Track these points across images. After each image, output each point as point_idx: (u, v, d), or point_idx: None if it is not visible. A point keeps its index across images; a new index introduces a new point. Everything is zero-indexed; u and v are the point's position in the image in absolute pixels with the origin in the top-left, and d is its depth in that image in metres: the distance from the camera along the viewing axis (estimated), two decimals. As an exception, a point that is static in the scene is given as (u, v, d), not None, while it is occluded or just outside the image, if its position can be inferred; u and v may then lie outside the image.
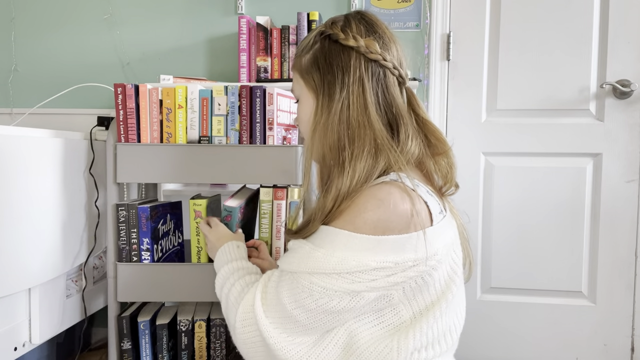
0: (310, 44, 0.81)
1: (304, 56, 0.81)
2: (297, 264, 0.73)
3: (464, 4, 1.74)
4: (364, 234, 0.68)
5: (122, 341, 1.23)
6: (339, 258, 0.69)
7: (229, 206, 1.10)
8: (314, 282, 0.70)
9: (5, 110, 1.91)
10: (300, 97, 0.83)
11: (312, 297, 0.71)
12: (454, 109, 1.77)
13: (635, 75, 1.63)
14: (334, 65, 0.77)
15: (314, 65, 0.79)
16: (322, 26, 0.82)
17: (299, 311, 0.72)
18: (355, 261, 0.68)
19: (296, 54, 0.84)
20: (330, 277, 0.69)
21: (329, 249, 0.70)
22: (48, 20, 1.90)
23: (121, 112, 1.21)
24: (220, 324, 1.25)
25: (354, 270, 0.68)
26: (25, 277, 1.16)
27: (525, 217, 1.72)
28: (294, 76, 0.84)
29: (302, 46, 0.82)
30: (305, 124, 0.81)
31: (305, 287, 0.71)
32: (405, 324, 0.73)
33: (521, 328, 1.73)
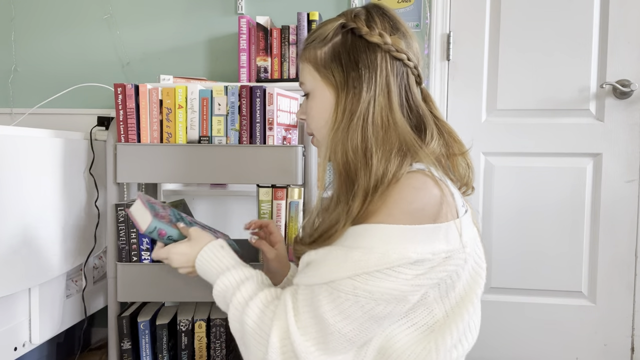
0: (330, 36, 0.75)
1: (320, 48, 0.76)
2: (334, 272, 0.66)
3: (464, 4, 1.74)
4: (402, 223, 0.64)
5: (122, 341, 1.23)
6: (379, 253, 0.64)
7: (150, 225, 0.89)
8: (358, 287, 0.64)
9: (5, 110, 1.91)
10: (314, 92, 0.78)
11: (357, 303, 0.65)
12: (454, 109, 1.77)
13: (635, 75, 1.63)
14: (359, 63, 0.72)
15: (335, 60, 0.74)
16: (341, 17, 0.76)
17: (345, 323, 0.66)
18: (397, 254, 0.63)
19: (307, 43, 0.78)
20: (374, 276, 0.64)
21: (366, 247, 0.65)
22: (48, 20, 1.90)
23: (121, 112, 1.21)
24: (220, 324, 1.25)
25: (396, 264, 0.63)
26: (25, 277, 1.16)
27: (525, 217, 1.72)
28: (303, 67, 0.79)
29: (316, 37, 0.77)
30: (318, 121, 0.78)
31: (349, 294, 0.65)
32: (439, 322, 0.70)
33: (521, 328, 1.73)
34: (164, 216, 0.92)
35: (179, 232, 0.90)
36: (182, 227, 0.91)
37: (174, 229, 0.90)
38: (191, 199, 1.81)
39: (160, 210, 0.94)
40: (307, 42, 0.78)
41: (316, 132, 0.80)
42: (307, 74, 0.78)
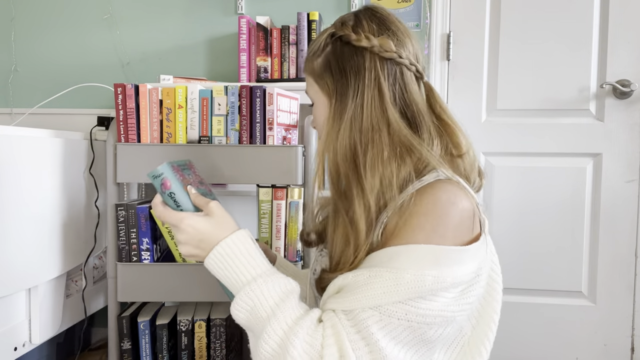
0: (322, 46, 0.76)
1: (315, 59, 0.77)
2: (382, 296, 0.61)
3: (464, 4, 1.74)
4: (450, 244, 0.63)
5: (122, 341, 1.23)
6: (434, 277, 0.61)
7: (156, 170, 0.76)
8: (410, 312, 0.61)
9: (5, 110, 1.91)
10: (315, 101, 0.79)
11: (410, 328, 0.62)
12: (454, 109, 1.75)
13: (635, 75, 1.63)
14: (347, 69, 0.73)
15: (327, 70, 0.75)
16: (332, 27, 0.78)
17: (398, 349, 0.62)
18: (451, 277, 0.61)
19: (307, 57, 0.80)
20: (426, 299, 0.61)
21: (417, 269, 0.61)
22: (48, 20, 1.90)
23: (121, 112, 1.21)
24: (220, 324, 1.25)
25: (450, 286, 0.62)
26: (25, 277, 1.16)
27: (525, 217, 1.72)
28: (307, 79, 0.81)
29: (313, 49, 0.79)
30: (321, 129, 0.79)
31: (401, 320, 0.61)
32: (466, 337, 0.70)
33: (521, 328, 1.73)
34: (185, 179, 0.79)
35: (188, 198, 0.75)
36: (195, 195, 0.76)
37: (184, 192, 0.75)
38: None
39: (188, 176, 0.82)
40: (307, 54, 0.80)
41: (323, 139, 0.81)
42: (309, 85, 0.80)
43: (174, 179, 0.75)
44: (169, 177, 0.74)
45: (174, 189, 0.74)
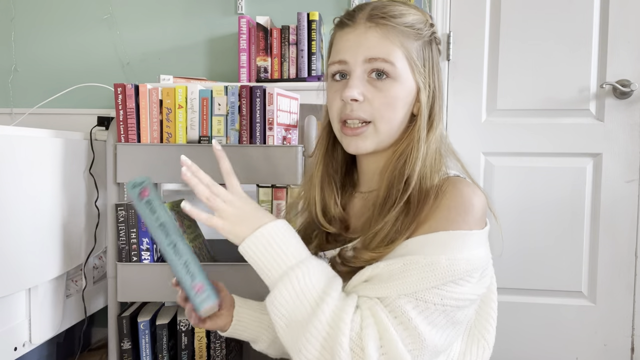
0: (421, 31, 0.74)
1: (414, 40, 0.73)
2: (419, 282, 0.63)
3: (464, 4, 1.74)
4: (476, 229, 0.68)
5: (122, 341, 1.23)
6: (465, 261, 0.64)
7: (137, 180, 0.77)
8: (445, 296, 0.64)
9: (5, 110, 1.91)
10: (400, 78, 0.72)
11: (444, 312, 0.64)
12: (454, 109, 1.77)
13: (635, 75, 1.63)
14: (439, 70, 0.78)
15: (424, 59, 0.75)
16: (425, 15, 0.76)
17: (434, 332, 0.64)
18: (478, 259, 0.67)
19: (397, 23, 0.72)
20: (458, 284, 0.64)
21: (450, 255, 0.64)
22: (48, 20, 1.90)
23: (121, 112, 1.21)
24: (220, 324, 1.25)
25: (477, 269, 0.67)
26: (25, 277, 1.16)
27: (525, 217, 1.72)
28: (393, 48, 0.71)
29: (410, 24, 0.73)
30: (396, 110, 0.73)
31: (437, 305, 0.63)
32: (472, 320, 0.76)
33: (521, 328, 1.73)
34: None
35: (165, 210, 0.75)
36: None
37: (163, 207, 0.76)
38: (191, 199, 1.81)
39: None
40: (399, 22, 0.72)
41: (383, 123, 0.72)
42: (399, 58, 0.72)
43: (153, 189, 0.76)
44: (149, 187, 0.75)
45: (151, 197, 0.75)
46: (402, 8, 0.74)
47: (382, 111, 0.71)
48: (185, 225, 1.28)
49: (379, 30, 0.71)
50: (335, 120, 0.76)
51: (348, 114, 0.72)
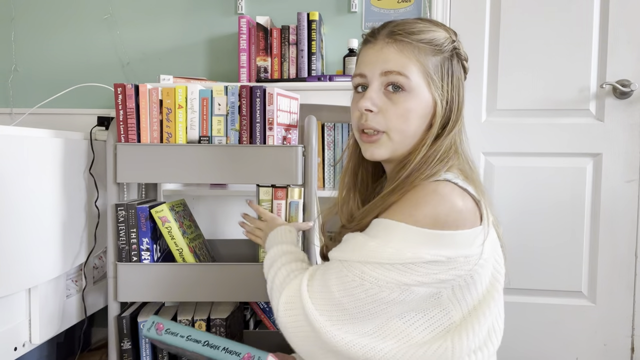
0: (443, 47, 0.79)
1: (432, 55, 0.78)
2: (350, 253, 0.74)
3: (464, 4, 1.74)
4: (423, 227, 0.69)
5: (122, 341, 1.23)
6: (394, 249, 0.70)
7: None
8: (366, 272, 0.71)
9: (5, 110, 1.91)
10: (415, 91, 0.77)
11: (362, 286, 0.71)
12: (454, 109, 1.76)
13: (635, 75, 1.63)
14: (460, 86, 0.81)
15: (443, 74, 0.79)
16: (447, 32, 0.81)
17: (347, 299, 0.73)
18: (411, 253, 0.69)
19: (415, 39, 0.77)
20: (383, 267, 0.70)
21: (383, 240, 0.71)
22: (48, 20, 1.90)
23: (121, 112, 1.21)
24: (220, 324, 1.25)
25: (408, 262, 0.69)
26: (25, 277, 1.16)
27: (525, 217, 1.72)
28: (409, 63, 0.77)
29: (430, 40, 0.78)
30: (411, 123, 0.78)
31: (356, 276, 0.72)
32: (455, 324, 0.75)
33: (521, 328, 1.73)
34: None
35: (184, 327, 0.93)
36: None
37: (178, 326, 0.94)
38: (191, 199, 1.81)
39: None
40: (417, 39, 0.77)
41: (398, 133, 0.78)
42: (414, 72, 0.77)
43: (163, 320, 0.94)
44: (160, 320, 0.94)
45: (167, 325, 0.93)
46: (422, 25, 0.79)
47: (395, 122, 0.77)
48: (185, 225, 1.28)
49: (396, 46, 0.77)
50: (355, 129, 0.84)
51: (363, 124, 0.80)
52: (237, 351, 0.87)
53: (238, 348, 0.88)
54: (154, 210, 1.20)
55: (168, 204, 1.23)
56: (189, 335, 0.90)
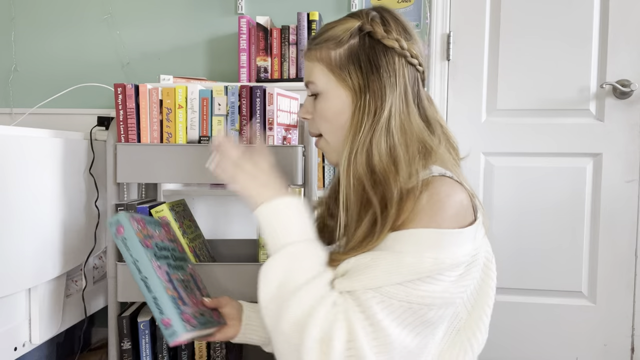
0: (346, 37, 0.75)
1: (334, 49, 0.75)
2: (383, 277, 0.64)
3: (464, 4, 1.74)
4: (449, 228, 0.66)
5: (122, 341, 1.23)
6: (432, 259, 0.64)
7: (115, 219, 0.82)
8: (411, 294, 0.63)
9: (5, 110, 1.91)
10: (327, 93, 0.76)
11: (411, 310, 0.64)
12: (454, 109, 1.77)
13: (635, 75, 1.63)
14: (380, 67, 0.73)
15: (353, 62, 0.74)
16: (356, 19, 0.76)
17: (400, 330, 0.64)
18: (450, 259, 0.65)
19: (318, 43, 0.77)
20: (424, 282, 0.64)
21: (417, 252, 0.64)
22: (48, 20, 1.90)
23: (121, 112, 1.21)
24: (220, 324, 1.25)
25: (447, 268, 0.65)
26: (25, 277, 1.16)
27: (525, 217, 1.72)
28: (314, 67, 0.77)
29: (330, 37, 0.76)
30: (333, 123, 0.77)
31: (402, 301, 0.63)
32: (463, 321, 0.73)
33: (521, 328, 1.73)
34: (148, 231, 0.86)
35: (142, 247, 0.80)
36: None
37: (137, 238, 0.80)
38: (191, 199, 1.81)
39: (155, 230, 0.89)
40: (318, 41, 0.77)
41: (328, 135, 0.79)
42: (319, 73, 0.77)
43: (129, 226, 0.80)
44: (124, 225, 0.80)
45: (126, 235, 0.80)
46: (327, 26, 0.78)
47: (321, 125, 0.79)
48: (185, 225, 1.28)
49: (308, 54, 0.79)
50: None
51: (308, 130, 0.83)
52: (162, 308, 0.77)
53: (166, 306, 0.77)
54: (154, 210, 1.20)
55: (168, 204, 1.23)
56: (135, 260, 0.80)
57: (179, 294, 0.83)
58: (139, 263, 0.80)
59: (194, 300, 0.87)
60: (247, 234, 1.79)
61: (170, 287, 0.82)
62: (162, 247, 0.89)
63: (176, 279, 0.86)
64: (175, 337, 0.76)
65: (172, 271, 0.87)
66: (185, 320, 0.78)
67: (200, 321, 0.82)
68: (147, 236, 0.85)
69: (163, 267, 0.84)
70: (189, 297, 0.86)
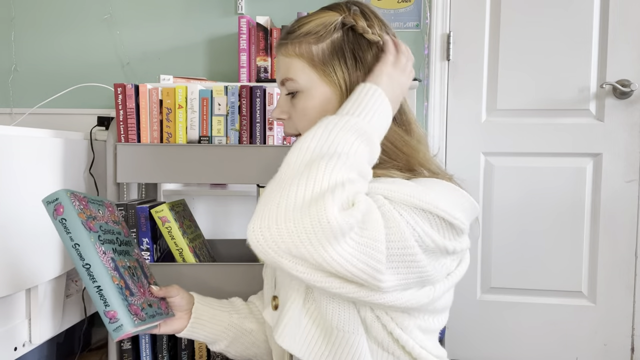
0: (328, 31, 0.71)
1: (315, 44, 0.72)
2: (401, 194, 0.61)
3: (464, 4, 1.74)
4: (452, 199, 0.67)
5: (122, 341, 1.23)
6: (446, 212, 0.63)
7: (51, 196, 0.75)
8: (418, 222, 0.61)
9: (5, 110, 1.91)
10: (309, 90, 0.72)
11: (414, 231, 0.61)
12: (454, 109, 1.77)
13: (635, 75, 1.63)
14: (365, 62, 0.71)
15: (338, 58, 0.71)
16: (337, 13, 0.73)
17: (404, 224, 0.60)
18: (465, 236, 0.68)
19: (294, 37, 0.73)
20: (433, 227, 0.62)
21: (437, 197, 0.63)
22: (48, 20, 1.90)
23: (121, 112, 1.21)
24: (220, 324, 1.25)
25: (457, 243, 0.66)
26: (25, 277, 1.16)
27: (525, 217, 1.72)
28: (291, 62, 0.73)
29: (310, 31, 0.72)
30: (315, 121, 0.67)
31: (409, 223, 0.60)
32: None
33: (521, 328, 1.73)
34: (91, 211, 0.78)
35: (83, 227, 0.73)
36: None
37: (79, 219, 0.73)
38: (191, 199, 1.81)
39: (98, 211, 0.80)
40: (296, 35, 0.73)
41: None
42: (299, 70, 0.72)
43: (70, 205, 0.73)
44: (64, 204, 0.73)
45: (66, 216, 0.72)
46: (305, 18, 0.74)
47: (301, 124, 0.74)
48: (185, 225, 1.28)
49: (282, 50, 0.74)
50: None
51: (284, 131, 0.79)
52: (107, 299, 0.70)
53: (112, 297, 0.71)
54: (154, 210, 1.20)
55: (168, 204, 1.23)
56: (75, 244, 0.72)
57: (126, 282, 0.76)
58: (80, 248, 0.72)
59: (142, 290, 0.81)
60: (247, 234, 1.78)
61: (117, 276, 0.74)
62: (107, 229, 0.81)
63: (122, 266, 0.78)
64: (120, 331, 0.70)
65: (118, 257, 0.79)
66: (133, 313, 0.72)
67: (148, 313, 0.77)
68: (90, 217, 0.77)
69: (108, 252, 0.76)
70: (137, 285, 0.80)
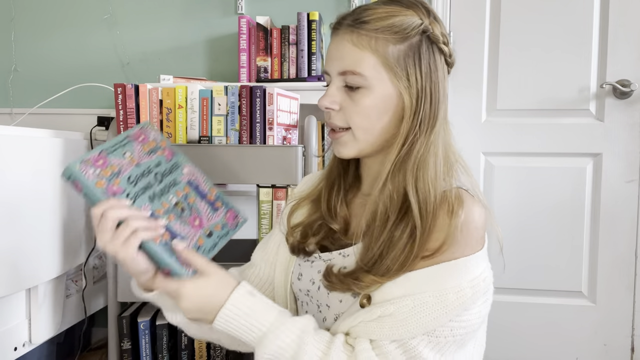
0: (405, 33, 0.67)
1: (394, 43, 0.67)
2: (432, 321, 0.64)
3: (464, 4, 1.74)
4: (478, 251, 0.67)
5: (122, 341, 1.23)
6: (470, 287, 0.65)
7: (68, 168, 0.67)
8: (455, 327, 0.65)
9: (5, 110, 1.91)
10: (374, 87, 0.68)
11: (454, 341, 0.65)
12: (454, 109, 1.76)
13: (635, 75, 1.63)
14: (438, 72, 0.69)
15: (414, 64, 0.67)
16: (417, 14, 0.68)
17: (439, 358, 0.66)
18: (482, 279, 0.66)
19: (372, 29, 0.67)
20: (468, 309, 0.65)
21: (457, 286, 0.64)
22: (48, 20, 1.90)
23: (121, 112, 1.21)
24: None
25: (483, 287, 0.66)
26: (25, 277, 1.16)
27: (525, 217, 1.72)
28: (363, 56, 0.67)
29: (390, 26, 0.67)
30: (373, 120, 0.69)
31: (448, 337, 0.65)
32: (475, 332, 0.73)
33: (521, 328, 1.73)
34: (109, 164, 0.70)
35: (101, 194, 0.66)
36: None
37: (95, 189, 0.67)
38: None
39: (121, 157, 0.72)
40: (373, 28, 0.67)
41: (360, 131, 0.70)
42: (371, 67, 0.67)
43: (84, 179, 0.67)
44: (79, 179, 0.67)
45: (86, 191, 0.67)
46: (383, 10, 0.68)
47: (356, 120, 0.70)
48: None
49: (353, 38, 0.68)
50: (326, 126, 0.77)
51: (327, 121, 0.74)
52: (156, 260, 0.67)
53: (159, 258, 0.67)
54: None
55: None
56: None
57: (171, 232, 0.71)
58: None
59: (198, 220, 0.76)
60: (247, 234, 1.78)
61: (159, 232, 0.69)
62: (139, 174, 0.73)
63: (166, 210, 0.72)
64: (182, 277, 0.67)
65: (159, 202, 0.72)
66: (184, 264, 0.68)
67: (206, 248, 0.74)
68: (113, 175, 0.70)
69: (144, 207, 0.70)
70: (188, 222, 0.74)
